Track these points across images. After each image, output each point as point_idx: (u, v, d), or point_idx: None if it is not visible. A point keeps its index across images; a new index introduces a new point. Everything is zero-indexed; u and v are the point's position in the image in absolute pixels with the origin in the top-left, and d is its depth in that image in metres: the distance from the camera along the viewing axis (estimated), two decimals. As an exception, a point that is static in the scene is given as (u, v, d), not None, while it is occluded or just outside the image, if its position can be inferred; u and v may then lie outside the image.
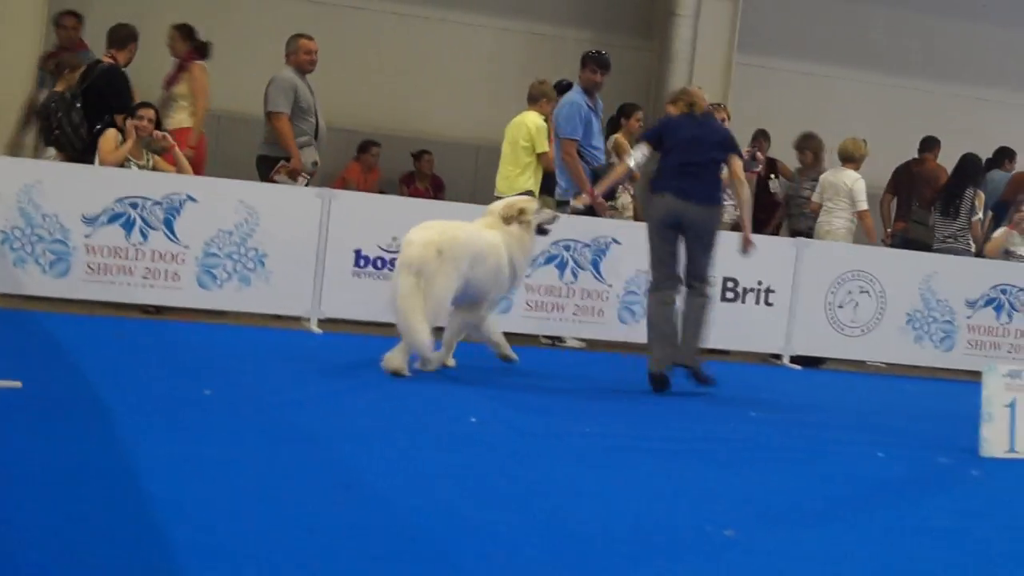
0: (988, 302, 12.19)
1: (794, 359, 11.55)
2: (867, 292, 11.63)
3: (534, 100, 11.56)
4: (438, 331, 8.52)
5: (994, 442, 7.19)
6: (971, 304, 12.15)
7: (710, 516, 5.05)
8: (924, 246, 13.13)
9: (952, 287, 12.06)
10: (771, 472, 6.28)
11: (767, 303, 11.47)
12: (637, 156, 9.06)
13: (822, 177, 12.60)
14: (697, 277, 8.83)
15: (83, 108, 10.62)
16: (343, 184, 13.26)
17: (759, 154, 12.15)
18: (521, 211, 8.81)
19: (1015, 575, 4.71)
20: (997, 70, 17.57)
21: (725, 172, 9.11)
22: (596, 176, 11.30)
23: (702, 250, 8.78)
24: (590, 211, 11.02)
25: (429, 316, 8.22)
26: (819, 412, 8.73)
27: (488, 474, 5.52)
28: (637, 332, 10.92)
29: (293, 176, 10.83)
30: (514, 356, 8.98)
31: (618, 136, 12.20)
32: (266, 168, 10.97)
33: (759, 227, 13.55)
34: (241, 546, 4.00)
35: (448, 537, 4.38)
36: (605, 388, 8.91)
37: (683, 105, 9.26)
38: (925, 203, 13.72)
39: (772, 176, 13.77)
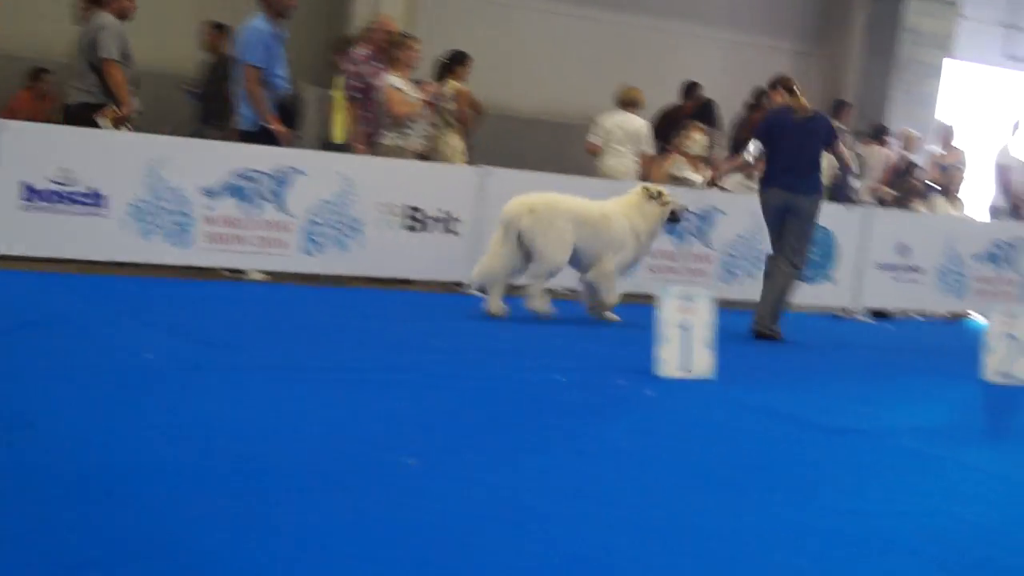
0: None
1: (479, 288, 11.63)
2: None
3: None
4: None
5: (669, 362, 7.45)
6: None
7: (391, 445, 5.04)
8: None
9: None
10: (452, 400, 6.31)
11: (451, 231, 11.52)
12: (752, 150, 10.72)
13: (604, 120, 13.38)
14: (792, 254, 10.28)
15: None
16: (11, 114, 12.58)
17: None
18: (660, 194, 10.38)
19: (684, 491, 4.86)
20: (679, 2, 18.02)
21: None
22: (281, 105, 11.13)
23: (799, 234, 10.30)
24: (272, 140, 10.86)
25: (542, 271, 9.89)
26: (502, 340, 8.84)
27: (160, 409, 5.36)
28: (322, 263, 10.87)
29: (118, 123, 10.64)
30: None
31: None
32: (90, 114, 10.69)
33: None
34: None
35: (119, 473, 4.23)
36: (287, 321, 8.80)
37: (782, 91, 10.57)
38: None
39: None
